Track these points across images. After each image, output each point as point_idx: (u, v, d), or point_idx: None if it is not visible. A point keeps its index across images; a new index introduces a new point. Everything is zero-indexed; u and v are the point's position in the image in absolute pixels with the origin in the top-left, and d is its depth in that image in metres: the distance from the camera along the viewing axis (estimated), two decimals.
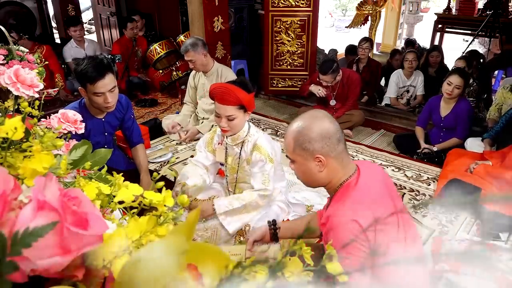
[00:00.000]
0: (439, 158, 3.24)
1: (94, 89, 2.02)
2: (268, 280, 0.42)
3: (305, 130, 1.23)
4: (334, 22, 12.50)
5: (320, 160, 1.23)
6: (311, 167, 1.25)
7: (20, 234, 0.38)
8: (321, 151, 1.22)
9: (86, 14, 10.35)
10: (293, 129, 1.26)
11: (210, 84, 3.36)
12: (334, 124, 1.25)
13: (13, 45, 1.21)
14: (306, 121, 1.25)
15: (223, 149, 2.13)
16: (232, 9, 5.01)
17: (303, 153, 1.24)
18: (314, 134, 1.21)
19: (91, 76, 1.99)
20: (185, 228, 0.40)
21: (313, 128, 1.22)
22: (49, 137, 0.61)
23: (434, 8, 11.18)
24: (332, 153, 1.23)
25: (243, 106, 1.91)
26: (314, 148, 1.22)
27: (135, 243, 0.49)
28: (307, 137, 1.22)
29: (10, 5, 5.77)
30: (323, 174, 1.26)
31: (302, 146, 1.23)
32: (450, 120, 3.32)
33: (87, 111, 2.18)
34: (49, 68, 4.46)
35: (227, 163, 2.14)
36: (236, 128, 1.98)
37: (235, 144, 2.06)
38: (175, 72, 4.77)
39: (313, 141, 1.21)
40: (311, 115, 1.28)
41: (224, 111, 1.90)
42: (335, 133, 1.23)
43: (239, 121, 1.94)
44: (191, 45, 3.19)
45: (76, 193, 0.46)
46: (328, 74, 3.60)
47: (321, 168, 1.24)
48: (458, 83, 3.16)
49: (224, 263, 0.42)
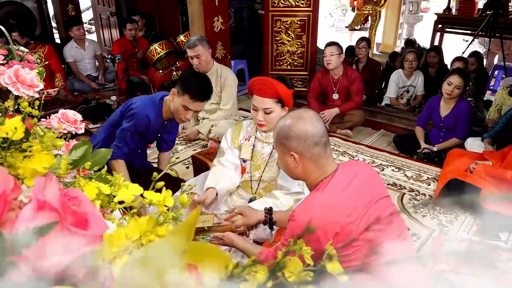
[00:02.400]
0: (439, 158, 3.24)
1: (189, 105, 2.02)
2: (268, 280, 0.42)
3: (285, 127, 1.33)
4: (334, 22, 12.49)
5: (294, 157, 1.33)
6: (288, 161, 1.36)
7: (20, 234, 0.38)
8: (295, 150, 1.32)
9: (86, 14, 10.34)
10: (278, 123, 1.38)
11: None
12: (316, 128, 1.32)
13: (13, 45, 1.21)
14: (291, 119, 1.35)
15: (250, 146, 2.07)
16: (232, 9, 5.01)
17: (281, 147, 1.36)
18: (292, 133, 1.31)
19: (199, 95, 2.02)
20: (185, 228, 0.40)
21: (293, 127, 1.32)
22: (49, 137, 0.61)
23: (434, 8, 11.17)
24: (307, 154, 1.31)
25: (281, 100, 1.91)
26: (290, 145, 1.32)
27: (135, 243, 0.49)
28: (286, 134, 1.33)
29: (10, 5, 5.76)
30: (298, 170, 1.36)
31: (281, 141, 1.35)
32: (450, 120, 3.32)
33: (160, 111, 2.17)
34: (50, 68, 4.47)
35: (252, 160, 2.07)
36: (272, 123, 1.91)
37: (268, 142, 2.02)
38: (175, 72, 4.77)
39: (290, 139, 1.32)
40: (297, 114, 1.36)
41: (262, 104, 1.90)
42: (313, 136, 1.31)
43: (275, 115, 1.91)
44: (199, 40, 3.18)
45: (76, 193, 0.46)
46: (333, 45, 3.68)
47: (295, 164, 1.34)
48: (458, 83, 3.16)
49: (224, 263, 0.42)
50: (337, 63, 3.70)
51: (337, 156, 3.43)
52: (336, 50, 3.66)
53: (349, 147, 3.60)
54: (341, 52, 3.71)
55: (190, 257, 0.39)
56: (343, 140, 3.74)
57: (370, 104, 4.46)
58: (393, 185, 2.96)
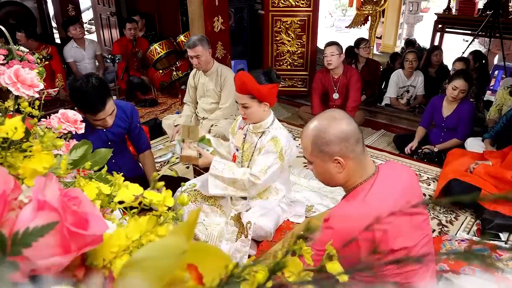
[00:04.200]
0: (439, 158, 3.24)
1: (95, 118, 1.99)
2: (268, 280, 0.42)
3: (322, 133, 1.21)
4: (334, 22, 12.49)
5: (338, 161, 1.21)
6: (330, 168, 1.24)
7: (20, 234, 0.38)
8: (339, 153, 1.20)
9: (86, 14, 10.35)
10: (310, 131, 1.24)
11: (210, 83, 3.37)
12: (352, 124, 1.23)
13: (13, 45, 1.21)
14: (323, 122, 1.23)
15: (242, 135, 2.18)
16: (232, 9, 5.01)
17: (321, 155, 1.23)
18: (332, 136, 1.20)
19: (93, 110, 1.95)
20: (185, 228, 0.40)
21: (331, 130, 1.20)
22: (49, 137, 0.61)
23: (434, 8, 11.17)
24: (351, 155, 1.21)
25: (254, 96, 1.96)
26: (332, 151, 1.20)
27: (135, 243, 0.49)
28: (325, 140, 1.20)
29: (10, 5, 5.76)
30: (342, 175, 1.25)
31: (320, 148, 1.22)
32: (452, 121, 3.32)
33: (87, 123, 2.04)
34: (51, 68, 4.47)
35: (242, 149, 2.17)
36: (252, 117, 2.03)
37: (255, 132, 2.10)
38: (175, 72, 4.77)
39: (331, 144, 1.20)
40: (329, 116, 1.25)
41: (239, 99, 2.00)
42: (353, 134, 1.21)
43: (254, 110, 1.99)
44: (199, 40, 3.18)
45: (76, 193, 0.46)
46: (333, 45, 3.68)
47: (339, 170, 1.23)
48: (463, 87, 3.16)
49: (224, 263, 0.42)
50: (338, 63, 3.71)
51: None
52: (336, 50, 3.67)
53: None
54: (341, 52, 3.72)
55: (190, 257, 0.39)
56: None
57: (370, 104, 4.46)
58: None
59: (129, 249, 0.48)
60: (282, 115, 4.49)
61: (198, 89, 3.51)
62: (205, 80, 3.41)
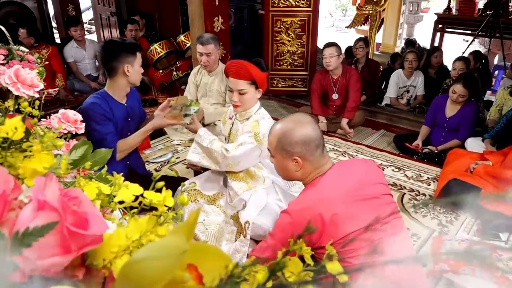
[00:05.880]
0: (439, 158, 3.24)
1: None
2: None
3: (288, 133, 1.35)
4: (334, 22, 12.49)
5: (297, 161, 1.36)
6: (289, 165, 1.39)
7: (20, 234, 0.38)
8: (299, 154, 1.35)
9: (86, 14, 10.35)
10: (277, 129, 1.39)
11: (213, 84, 3.36)
12: (315, 131, 1.37)
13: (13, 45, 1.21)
14: (290, 124, 1.38)
15: (230, 124, 2.24)
16: (232, 9, 5.01)
17: (283, 153, 1.37)
18: (296, 138, 1.34)
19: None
20: (185, 228, 0.40)
21: (296, 133, 1.34)
22: (49, 137, 0.61)
23: (434, 8, 11.17)
24: (310, 158, 1.36)
25: (254, 82, 2.03)
26: (294, 151, 1.35)
27: (135, 243, 0.49)
28: (289, 140, 1.35)
29: (10, 5, 5.76)
30: (298, 173, 1.40)
31: (283, 147, 1.36)
32: (454, 122, 3.31)
33: (111, 98, 2.17)
34: (51, 68, 4.47)
35: (229, 138, 2.24)
36: (246, 104, 2.08)
37: (241, 120, 2.15)
38: (175, 72, 4.77)
39: (294, 145, 1.34)
40: (296, 119, 1.40)
41: (236, 85, 2.03)
42: (315, 140, 1.36)
43: (249, 96, 2.05)
44: (212, 38, 3.16)
45: (76, 193, 0.46)
46: (332, 46, 3.68)
47: (297, 168, 1.38)
48: (462, 93, 3.16)
49: (224, 263, 0.42)
50: (337, 64, 3.71)
51: (337, 156, 3.43)
52: (335, 51, 3.66)
53: (349, 147, 3.60)
54: (340, 53, 3.71)
55: (190, 257, 0.39)
56: (343, 140, 3.74)
57: (370, 104, 4.46)
58: (393, 185, 2.96)
59: (129, 249, 0.48)
60: (282, 115, 4.49)
61: (200, 88, 3.50)
62: (208, 80, 3.39)
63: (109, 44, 2.15)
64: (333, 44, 3.73)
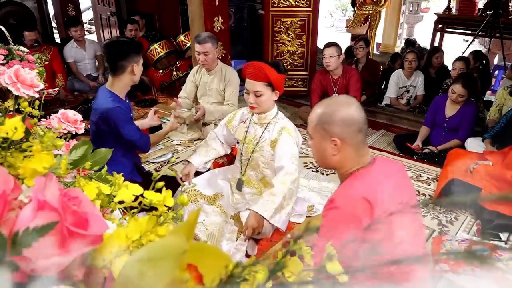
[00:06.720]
0: (439, 158, 3.24)
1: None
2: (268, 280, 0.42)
3: (329, 111, 1.26)
4: (334, 22, 12.49)
5: (336, 143, 1.25)
6: (326, 147, 1.28)
7: (20, 234, 0.38)
8: (338, 135, 1.24)
9: (86, 14, 10.35)
10: (320, 107, 1.30)
11: (213, 83, 3.36)
12: (360, 113, 1.27)
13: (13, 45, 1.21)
14: (334, 103, 1.29)
15: (245, 128, 2.20)
16: (232, 9, 5.01)
17: (322, 132, 1.27)
18: (337, 117, 1.24)
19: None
20: (185, 228, 0.40)
21: (338, 112, 1.25)
22: (49, 137, 0.61)
23: (434, 8, 11.17)
24: (349, 140, 1.25)
25: (271, 83, 2.01)
26: (333, 131, 1.24)
27: (135, 243, 0.49)
28: (330, 118, 1.25)
29: (10, 5, 5.76)
30: (336, 157, 1.28)
31: (323, 125, 1.26)
32: (454, 122, 3.31)
33: (116, 96, 2.18)
34: (52, 69, 4.47)
35: (245, 141, 2.19)
36: (262, 106, 2.06)
37: (260, 123, 2.13)
38: (175, 72, 4.77)
39: (333, 124, 1.24)
40: (342, 99, 1.31)
41: (253, 87, 2.02)
42: (357, 122, 1.25)
43: (266, 98, 2.04)
44: (209, 37, 3.17)
45: (76, 193, 0.46)
46: (332, 46, 3.68)
47: (335, 152, 1.27)
48: (461, 92, 3.16)
49: (224, 263, 0.42)
50: (337, 64, 3.70)
51: None
52: (335, 52, 3.66)
53: None
54: (340, 53, 3.71)
55: (190, 257, 0.39)
56: None
57: (370, 104, 4.46)
58: None
59: (129, 249, 0.48)
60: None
61: (200, 88, 3.50)
62: (208, 79, 3.39)
63: (118, 43, 2.15)
64: (333, 44, 3.73)
